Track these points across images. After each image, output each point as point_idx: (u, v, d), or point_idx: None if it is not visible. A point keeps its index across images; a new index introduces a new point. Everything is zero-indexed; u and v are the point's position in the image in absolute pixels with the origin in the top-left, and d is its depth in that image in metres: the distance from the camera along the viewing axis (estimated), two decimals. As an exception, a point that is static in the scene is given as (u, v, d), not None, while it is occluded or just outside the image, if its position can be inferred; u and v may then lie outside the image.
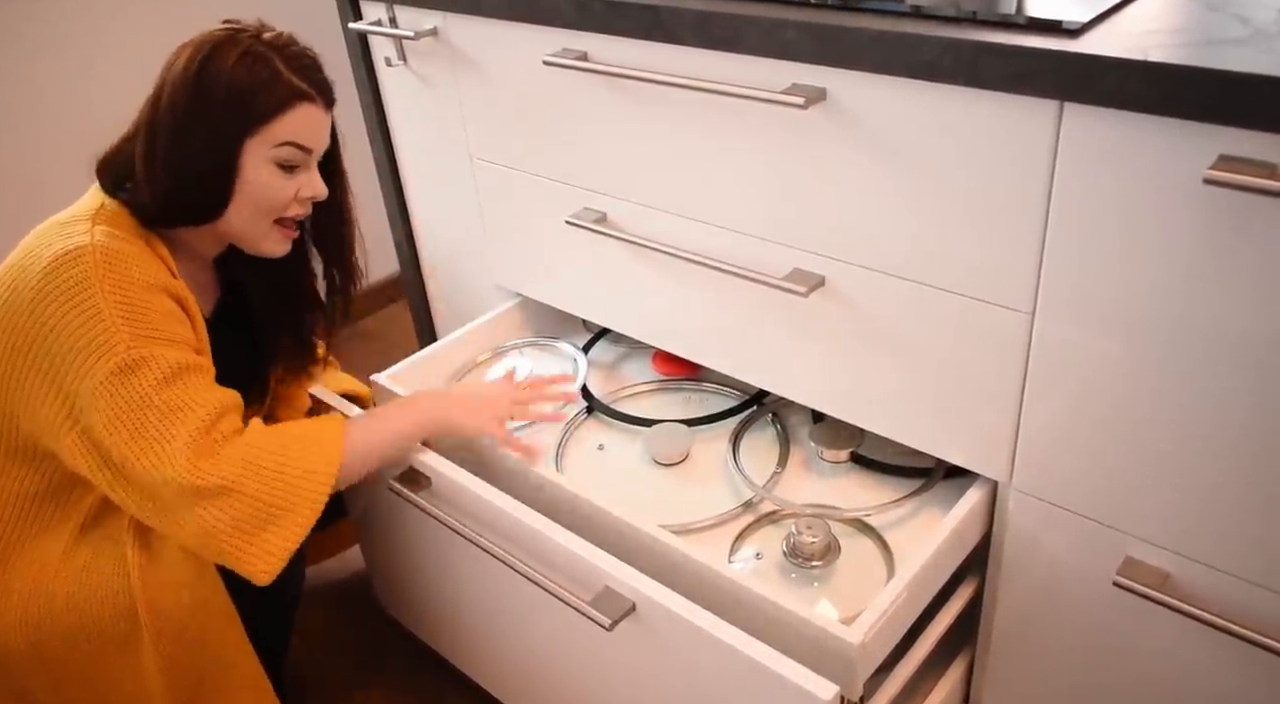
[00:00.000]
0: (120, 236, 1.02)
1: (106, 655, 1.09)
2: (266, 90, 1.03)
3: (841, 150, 0.93)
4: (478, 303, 1.53)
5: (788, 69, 0.94)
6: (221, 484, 0.96)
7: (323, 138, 1.09)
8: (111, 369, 0.97)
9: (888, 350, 0.99)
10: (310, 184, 1.09)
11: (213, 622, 1.10)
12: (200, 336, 1.08)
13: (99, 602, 1.06)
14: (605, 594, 0.92)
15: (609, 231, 1.17)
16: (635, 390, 1.32)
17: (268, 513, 0.98)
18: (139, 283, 1.00)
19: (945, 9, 0.85)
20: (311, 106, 1.06)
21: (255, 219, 1.08)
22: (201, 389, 1.01)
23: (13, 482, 1.08)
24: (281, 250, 1.12)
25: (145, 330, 0.98)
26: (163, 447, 0.97)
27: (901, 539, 1.04)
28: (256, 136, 1.03)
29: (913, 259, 0.93)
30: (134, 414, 0.97)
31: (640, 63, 1.05)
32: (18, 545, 1.10)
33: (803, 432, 1.21)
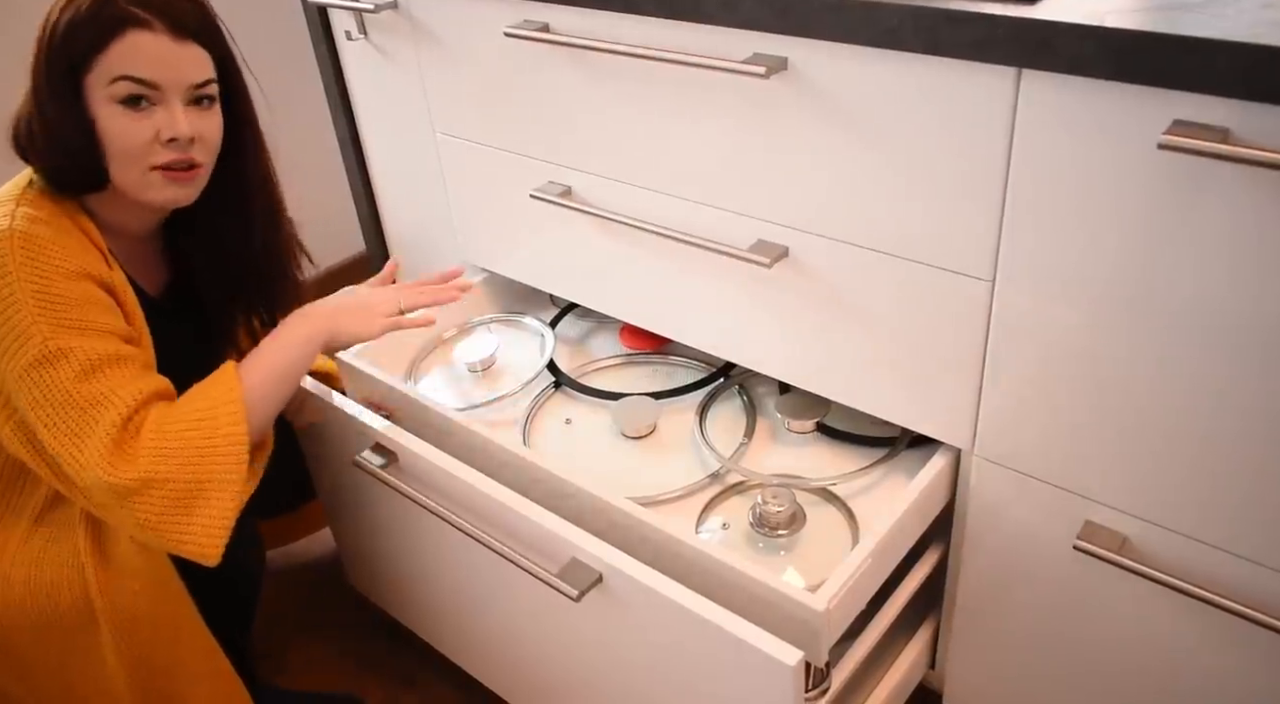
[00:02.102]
0: (42, 219, 0.98)
1: (67, 644, 1.08)
2: (90, 24, 0.94)
3: (803, 120, 0.93)
4: (444, 279, 1.52)
5: (749, 39, 0.93)
6: (140, 479, 0.93)
7: (169, 69, 0.96)
8: (30, 361, 0.94)
9: (851, 320, 1.00)
10: (170, 123, 0.97)
11: (167, 609, 1.08)
12: (134, 322, 1.04)
13: (55, 590, 1.05)
14: (572, 566, 0.92)
15: (574, 205, 1.17)
16: (602, 365, 1.32)
17: (194, 491, 0.96)
18: (60, 270, 0.96)
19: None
20: (144, 33, 0.95)
21: (127, 169, 0.99)
22: (123, 380, 0.97)
23: None
24: (173, 198, 1.02)
25: (65, 320, 0.95)
26: (80, 448, 0.94)
27: (866, 507, 1.05)
28: (90, 76, 0.95)
29: (875, 228, 0.93)
30: (54, 408, 0.94)
31: (602, 33, 1.05)
32: (5, 523, 1.08)
33: (769, 403, 1.22)
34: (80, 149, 0.97)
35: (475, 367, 1.31)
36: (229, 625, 1.17)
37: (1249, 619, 0.83)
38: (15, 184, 1.02)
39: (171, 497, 0.95)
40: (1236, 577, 0.86)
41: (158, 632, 1.08)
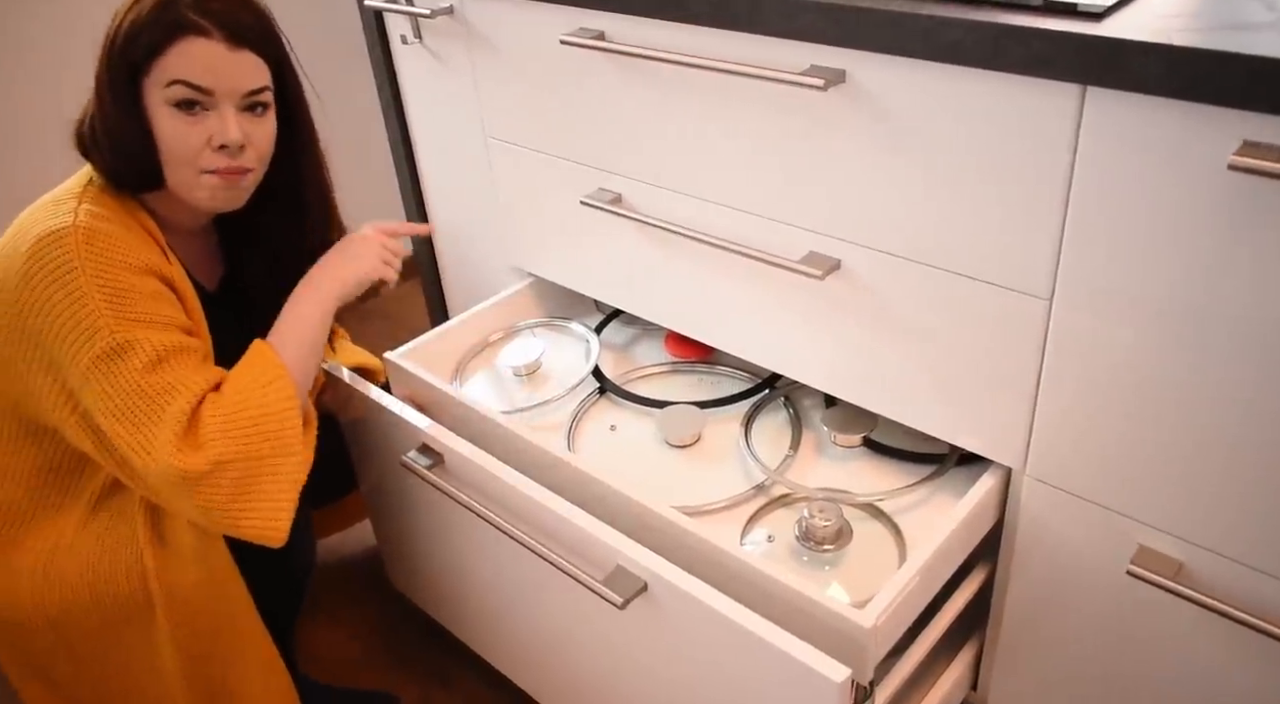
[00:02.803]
0: (104, 215, 1.00)
1: (121, 629, 1.10)
2: (150, 28, 0.96)
3: (859, 132, 0.92)
4: (490, 283, 1.53)
5: (806, 50, 0.93)
6: (209, 463, 0.95)
7: (224, 76, 0.98)
8: (97, 353, 0.96)
9: (902, 335, 0.99)
10: (221, 129, 0.99)
11: (222, 597, 1.10)
12: (193, 315, 1.06)
13: (112, 577, 1.07)
14: (618, 573, 0.92)
15: (624, 212, 1.17)
16: (647, 372, 1.32)
17: (257, 468, 0.98)
18: (122, 264, 0.98)
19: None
20: (201, 40, 0.97)
21: (177, 170, 1.01)
22: (188, 370, 0.99)
23: (25, 459, 1.09)
24: (222, 203, 1.04)
25: (130, 313, 0.97)
26: (150, 437, 0.96)
27: (914, 525, 1.04)
28: (148, 79, 0.97)
29: (930, 243, 0.92)
30: (122, 399, 0.96)
31: (658, 42, 1.05)
32: (33, 521, 1.10)
33: (815, 415, 1.21)
34: (137, 149, 1.00)
35: (520, 370, 1.32)
36: (278, 615, 1.18)
37: (1307, 651, 0.81)
38: (77, 181, 1.05)
39: (236, 477, 0.97)
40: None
41: (213, 621, 1.10)
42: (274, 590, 1.17)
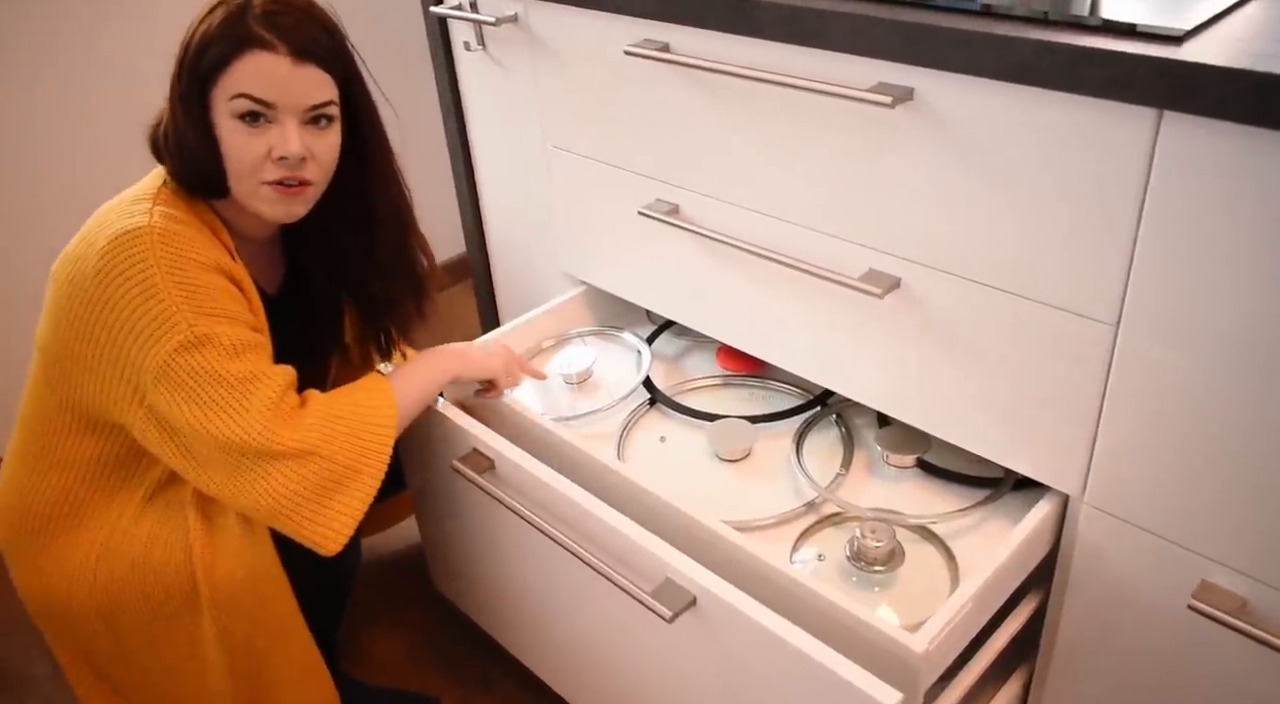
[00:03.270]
0: (177, 217, 1.02)
1: (168, 622, 1.12)
2: (218, 39, 0.98)
3: (926, 151, 0.91)
4: (542, 289, 1.54)
5: (873, 67, 0.92)
6: (302, 448, 0.98)
7: (286, 90, 0.99)
8: (176, 345, 0.97)
9: (961, 356, 0.98)
10: (282, 142, 1.00)
11: (267, 596, 1.11)
12: (257, 315, 1.08)
13: (161, 569, 1.09)
14: (666, 586, 0.92)
15: (681, 224, 1.17)
16: (698, 384, 1.32)
17: (343, 476, 1.00)
18: (196, 262, 1.00)
19: (1036, 12, 0.83)
20: (266, 54, 0.98)
21: (239, 180, 1.02)
22: (265, 361, 1.02)
23: (84, 449, 1.11)
24: (281, 214, 1.05)
25: (205, 308, 0.99)
26: (240, 415, 0.98)
27: (967, 549, 1.02)
28: (215, 90, 0.99)
29: (994, 265, 0.91)
30: (204, 389, 0.98)
31: (722, 55, 1.05)
32: (90, 510, 1.12)
33: (868, 434, 1.20)
34: (204, 159, 1.02)
35: (571, 378, 1.32)
36: (321, 614, 1.19)
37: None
38: (152, 181, 1.07)
39: (321, 475, 0.99)
40: (1363, 650, 0.82)
41: (257, 618, 1.11)
42: (318, 590, 1.18)
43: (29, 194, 1.75)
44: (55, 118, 1.74)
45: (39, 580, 1.13)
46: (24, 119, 1.71)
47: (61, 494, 1.12)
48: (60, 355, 1.06)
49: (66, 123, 1.75)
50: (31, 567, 1.13)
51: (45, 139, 1.74)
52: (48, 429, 1.11)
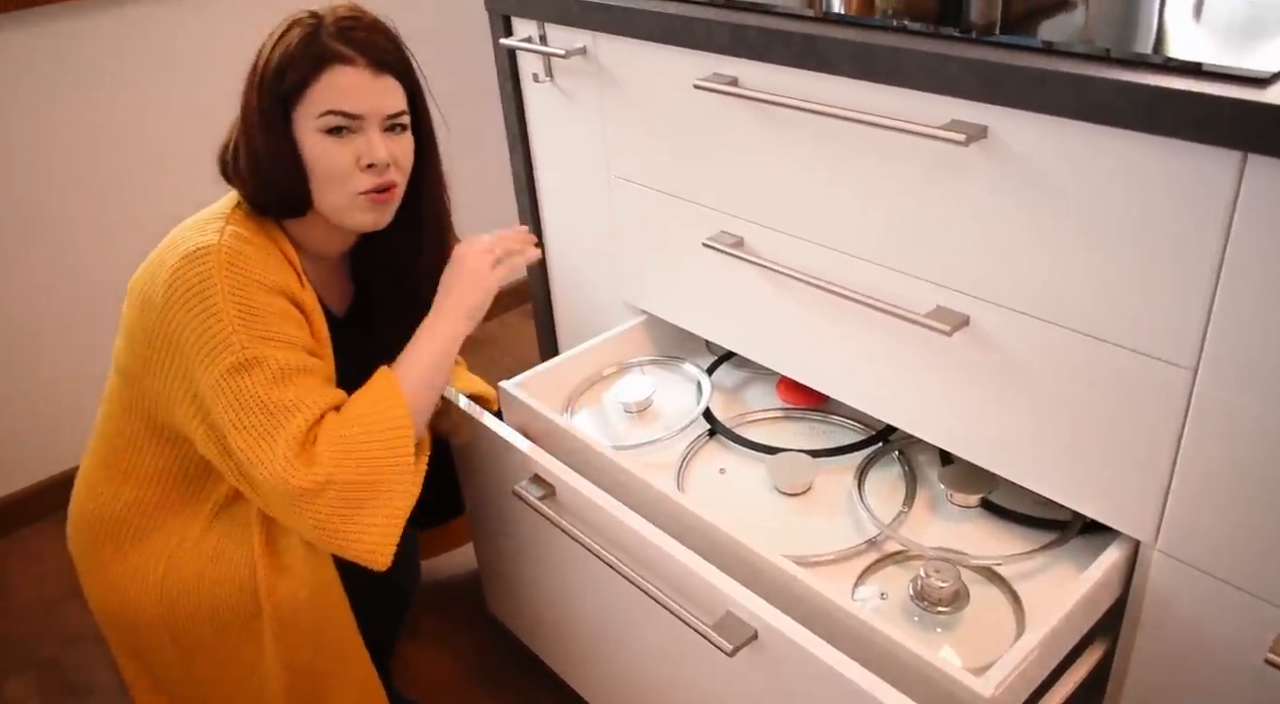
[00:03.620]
0: (247, 237, 1.05)
1: (230, 636, 1.13)
2: (298, 61, 1.01)
3: (998, 189, 0.91)
4: (602, 317, 1.55)
5: (945, 103, 0.92)
6: (318, 483, 0.98)
7: (369, 101, 1.03)
8: (227, 367, 1.00)
9: (1030, 396, 0.97)
10: (369, 150, 1.04)
11: (329, 618, 1.12)
12: (319, 338, 1.10)
13: (226, 584, 1.10)
14: (727, 619, 0.91)
15: (746, 256, 1.17)
16: (758, 416, 1.32)
17: (367, 491, 1.01)
18: (259, 285, 1.02)
19: (1098, 49, 0.83)
20: (347, 68, 1.02)
21: (331, 194, 1.06)
22: (309, 390, 1.03)
23: (155, 461, 1.13)
24: (372, 221, 1.09)
25: (260, 331, 1.01)
26: (268, 451, 0.99)
27: (1033, 592, 1.00)
28: (299, 109, 1.02)
29: (1067, 305, 0.90)
30: (245, 412, 1.00)
31: (790, 89, 1.05)
32: (159, 522, 1.15)
33: (930, 472, 1.19)
34: (287, 177, 1.05)
35: (631, 407, 1.33)
36: (379, 634, 1.20)
37: None
38: (227, 201, 1.10)
39: (345, 497, 1.00)
40: None
41: (318, 641, 1.12)
42: (377, 609, 1.20)
43: (109, 210, 1.80)
44: (133, 136, 1.80)
45: (108, 589, 1.15)
46: (103, 139, 1.76)
47: (132, 505, 1.15)
48: (133, 369, 1.09)
49: (146, 141, 1.81)
50: (101, 575, 1.16)
51: (127, 158, 1.79)
52: (121, 441, 1.14)
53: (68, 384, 1.84)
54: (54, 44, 1.65)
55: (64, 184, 1.74)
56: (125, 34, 1.72)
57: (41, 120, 1.68)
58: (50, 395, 1.83)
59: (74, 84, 1.70)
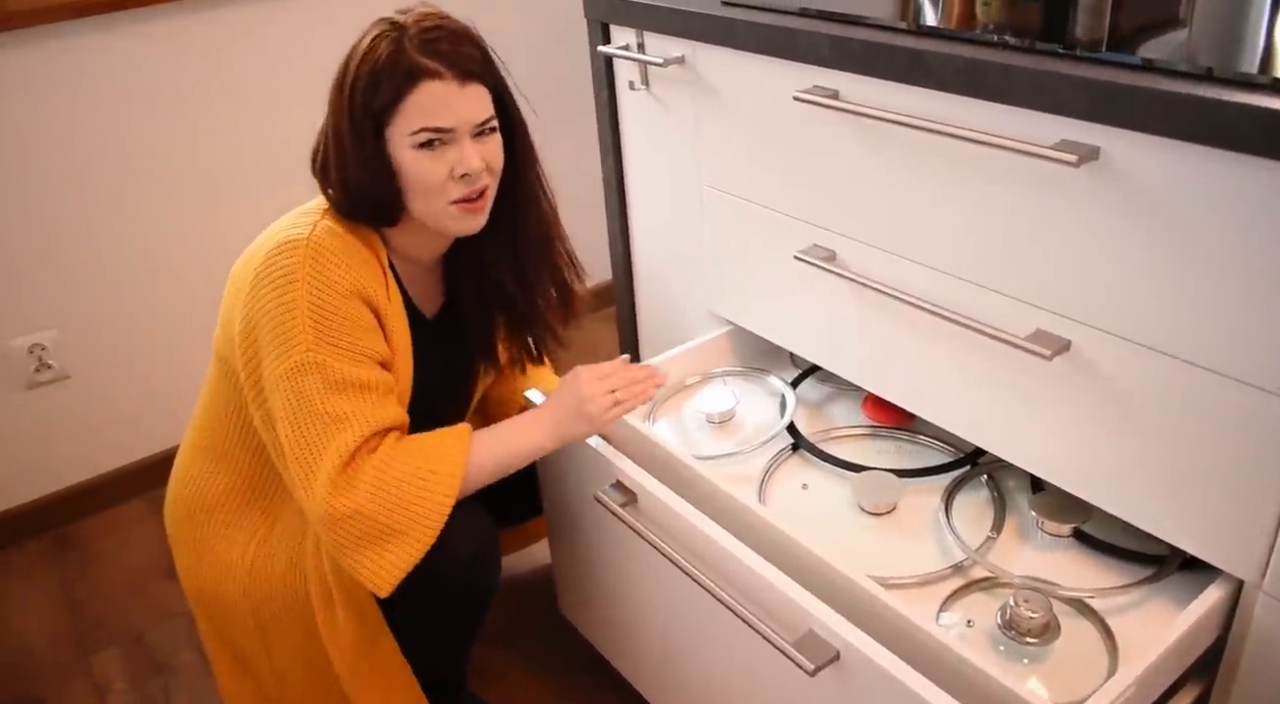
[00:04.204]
0: (339, 234, 1.06)
1: (313, 624, 1.16)
2: (388, 78, 1.01)
3: (1108, 212, 0.88)
4: (685, 325, 1.55)
5: (1054, 123, 0.90)
6: (351, 510, 1.00)
7: (458, 112, 1.03)
8: (291, 366, 1.02)
9: (1132, 425, 0.94)
10: (462, 160, 1.05)
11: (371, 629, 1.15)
12: (395, 344, 1.10)
13: (313, 574, 1.13)
14: (809, 638, 0.90)
15: (838, 270, 1.16)
16: (843, 433, 1.30)
17: (385, 535, 1.01)
18: (337, 286, 1.03)
19: (1200, 68, 0.80)
20: (435, 83, 1.02)
21: (427, 204, 1.06)
22: (365, 404, 1.03)
23: (248, 447, 1.16)
24: (466, 228, 1.10)
25: (329, 336, 1.02)
26: (313, 464, 1.01)
27: (1127, 628, 0.97)
28: (391, 126, 1.03)
29: (1176, 333, 0.87)
30: (300, 415, 1.02)
31: (893, 105, 1.04)
32: (251, 508, 1.18)
33: (1020, 498, 1.16)
34: (379, 189, 1.06)
35: (714, 418, 1.32)
36: (457, 632, 1.21)
37: None
38: (324, 198, 1.12)
39: (365, 531, 1.01)
40: None
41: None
42: (456, 608, 1.20)
43: (214, 200, 1.86)
44: (237, 131, 1.85)
45: (200, 572, 1.18)
46: (208, 134, 1.82)
47: (226, 490, 1.18)
48: (226, 353, 1.12)
49: (248, 135, 1.86)
50: (194, 555, 1.19)
51: (231, 152, 1.85)
52: (216, 425, 1.18)
53: (161, 368, 1.90)
54: (155, 45, 1.71)
55: (177, 182, 1.80)
56: (224, 36, 1.77)
57: (145, 118, 1.74)
58: (144, 379, 1.90)
59: (177, 82, 1.76)
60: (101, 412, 1.87)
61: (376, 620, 1.14)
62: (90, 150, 1.70)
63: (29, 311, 1.74)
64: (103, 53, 1.66)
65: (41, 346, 1.76)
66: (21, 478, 1.83)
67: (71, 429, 1.85)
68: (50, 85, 1.63)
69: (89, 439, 1.88)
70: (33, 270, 1.72)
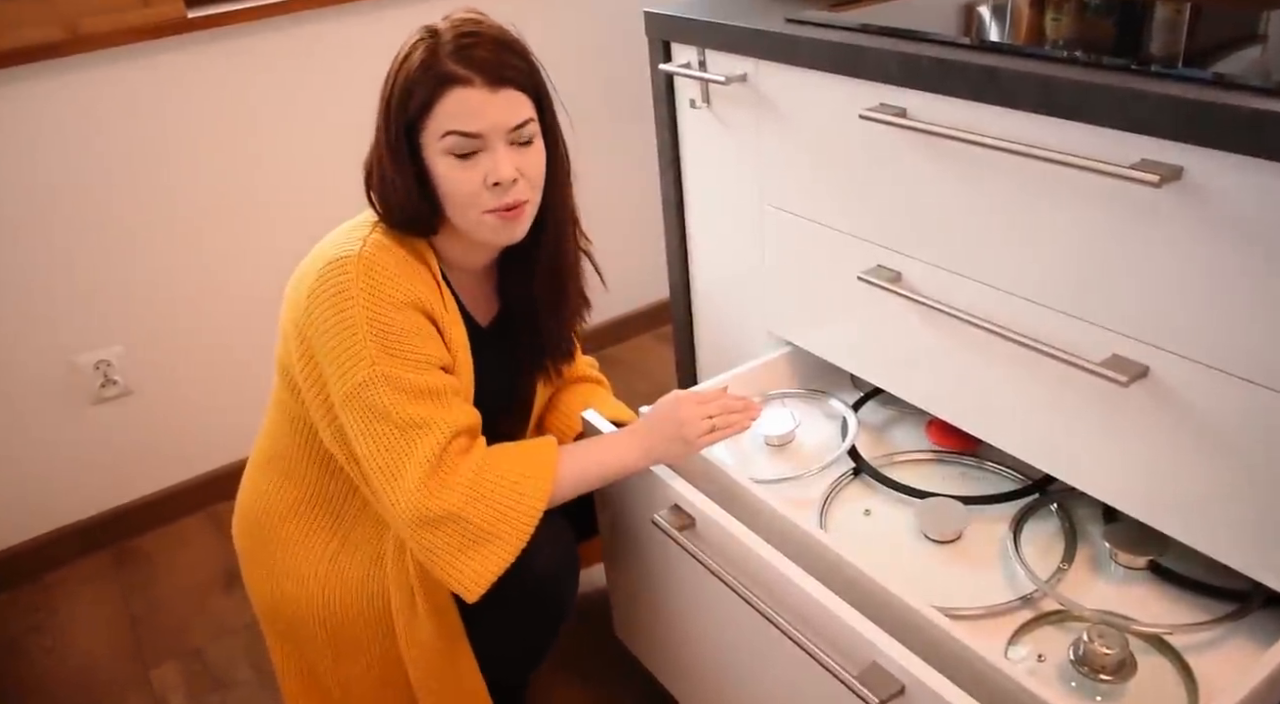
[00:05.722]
0: (389, 247, 1.06)
1: (384, 639, 1.16)
2: (419, 84, 1.00)
3: (1192, 234, 0.85)
4: (744, 345, 1.53)
5: (1134, 142, 0.87)
6: (448, 511, 1.00)
7: (489, 118, 1.01)
8: (359, 382, 1.02)
9: (1210, 455, 0.90)
10: (494, 168, 1.02)
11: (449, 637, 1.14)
12: (455, 351, 1.10)
13: (383, 590, 1.13)
14: (873, 670, 0.87)
15: (903, 292, 1.14)
16: (907, 458, 1.27)
17: (481, 538, 1.01)
18: (391, 299, 1.03)
19: (1272, 82, 0.77)
20: (465, 89, 1.00)
21: (463, 214, 1.05)
22: (440, 409, 1.03)
23: (317, 462, 1.17)
24: (505, 238, 1.08)
25: (393, 347, 1.02)
26: (399, 470, 1.01)
27: (1207, 667, 0.93)
28: (425, 133, 1.02)
29: (1259, 358, 0.84)
30: (377, 429, 1.02)
31: (960, 122, 1.02)
32: (323, 522, 1.18)
33: (1092, 528, 1.12)
34: (415, 199, 1.05)
35: (773, 440, 1.30)
36: (532, 653, 1.21)
37: None
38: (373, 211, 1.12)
39: (465, 535, 1.01)
40: None
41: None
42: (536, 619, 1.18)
43: (269, 218, 1.89)
44: (290, 149, 1.88)
45: (270, 584, 1.19)
46: (261, 153, 1.85)
47: (295, 502, 1.19)
48: (286, 366, 1.13)
49: (301, 153, 1.89)
50: (264, 569, 1.20)
51: (285, 170, 1.88)
52: (282, 438, 1.18)
53: (223, 384, 1.93)
54: (211, 68, 1.74)
55: (235, 192, 1.83)
56: (276, 57, 1.80)
57: (203, 140, 1.78)
58: (206, 395, 1.92)
59: (233, 105, 1.79)
60: (164, 427, 1.90)
61: (457, 629, 1.14)
62: (152, 171, 1.74)
63: (95, 328, 1.77)
64: (162, 76, 1.69)
65: (107, 362, 1.79)
66: (86, 492, 1.87)
67: (134, 444, 1.88)
68: (116, 108, 1.67)
69: (151, 454, 1.91)
70: (98, 288, 1.76)
